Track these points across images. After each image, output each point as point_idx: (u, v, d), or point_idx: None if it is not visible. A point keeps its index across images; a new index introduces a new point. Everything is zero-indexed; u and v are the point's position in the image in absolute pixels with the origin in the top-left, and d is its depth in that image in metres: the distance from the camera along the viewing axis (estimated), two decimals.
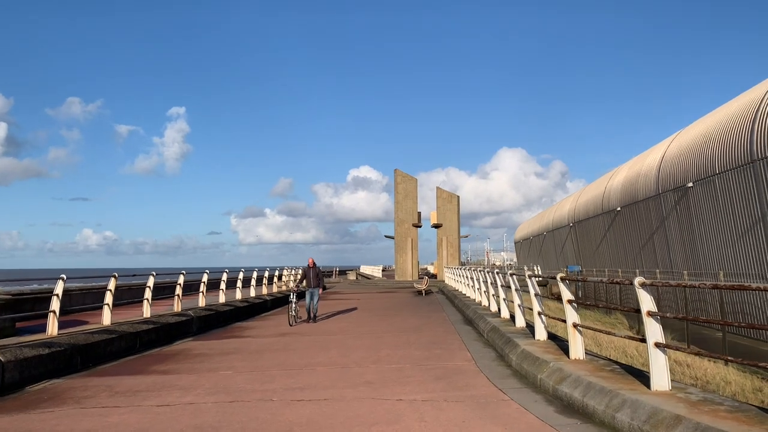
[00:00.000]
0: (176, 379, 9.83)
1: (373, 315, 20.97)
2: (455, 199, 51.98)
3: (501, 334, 12.06)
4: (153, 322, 15.20)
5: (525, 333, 11.71)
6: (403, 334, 14.86)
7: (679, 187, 29.04)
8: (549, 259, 65.36)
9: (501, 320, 14.43)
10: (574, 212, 54.57)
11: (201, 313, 18.41)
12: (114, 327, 13.52)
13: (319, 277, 19.01)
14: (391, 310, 22.87)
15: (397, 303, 26.97)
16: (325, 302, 28.68)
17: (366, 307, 24.70)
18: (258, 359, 11.78)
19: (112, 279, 14.18)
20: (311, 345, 13.57)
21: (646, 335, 6.56)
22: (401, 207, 51.16)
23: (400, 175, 51.58)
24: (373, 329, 16.43)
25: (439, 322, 17.55)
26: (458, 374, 9.32)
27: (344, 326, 17.49)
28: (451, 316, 19.32)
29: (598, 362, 8.30)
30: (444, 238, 51.60)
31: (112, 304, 14.27)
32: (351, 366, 10.43)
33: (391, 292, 37.01)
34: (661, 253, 32.66)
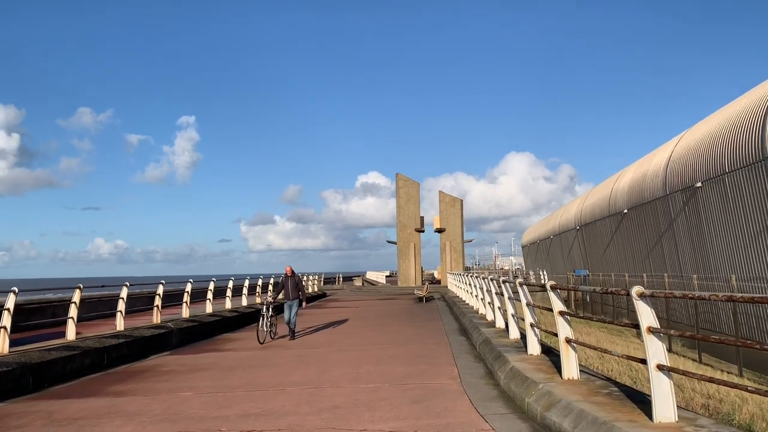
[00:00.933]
0: (127, 402, 8.87)
1: (366, 325, 19.97)
2: (458, 203, 50.92)
3: (492, 348, 11.04)
4: (125, 336, 14.27)
5: (518, 346, 10.68)
6: (392, 347, 13.86)
7: (688, 188, 27.90)
8: (556, 263, 64.15)
9: (495, 331, 13.40)
10: (580, 215, 53.41)
11: (182, 324, 17.48)
12: (77, 342, 12.59)
13: (298, 287, 16.54)
14: (387, 319, 21.86)
15: (395, 311, 25.95)
16: (321, 311, 27.74)
17: (361, 316, 23.70)
18: (228, 377, 10.82)
19: (76, 291, 13.25)
20: (291, 360, 12.59)
21: (647, 355, 5.54)
22: (403, 211, 50.17)
23: (402, 179, 50.60)
24: (362, 341, 15.43)
25: (433, 333, 16.53)
26: (438, 396, 8.31)
27: (332, 338, 16.50)
28: (447, 326, 18.30)
29: (594, 383, 7.27)
30: (447, 243, 50.54)
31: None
32: (324, 386, 9.44)
33: (391, 299, 35.99)
34: (669, 256, 31.48)
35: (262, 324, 15.75)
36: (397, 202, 50.49)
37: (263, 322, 15.75)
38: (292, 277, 16.51)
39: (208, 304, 21.12)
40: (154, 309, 17.00)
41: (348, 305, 31.01)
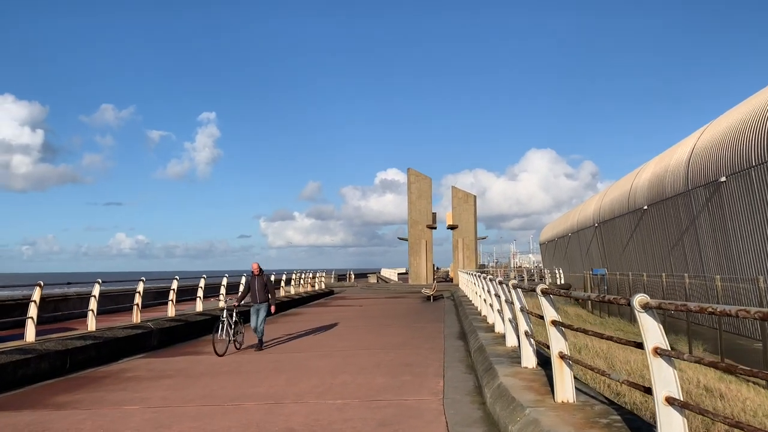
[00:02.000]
0: (60, 418, 7.79)
1: (363, 326, 18.80)
2: (472, 199, 49.49)
3: (485, 357, 9.79)
4: (95, 337, 13.25)
5: (513, 356, 9.41)
6: (380, 353, 12.66)
7: (711, 183, 26.29)
8: (574, 261, 62.43)
9: (493, 336, 12.14)
10: (599, 212, 51.73)
11: (164, 324, 16.45)
12: (36, 344, 11.57)
13: (267, 288, 13.93)
14: (387, 320, 20.66)
15: (399, 311, 24.74)
16: (323, 309, 26.64)
17: (362, 316, 22.54)
18: (189, 387, 9.71)
19: (37, 288, 12.22)
20: (265, 367, 11.46)
21: (653, 384, 4.29)
22: (415, 207, 48.85)
23: (414, 174, 49.28)
24: (352, 345, 14.26)
25: (431, 337, 15.29)
26: (412, 417, 7.09)
27: (321, 340, 15.34)
28: (448, 329, 17.05)
29: (592, 408, 6.00)
30: (460, 240, 49.16)
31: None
32: (286, 401, 8.28)
33: (399, 297, 34.78)
34: (691, 255, 29.86)
35: (221, 332, 13.08)
36: (408, 198, 49.18)
37: (222, 330, 13.10)
38: (259, 276, 13.98)
39: (198, 303, 20.11)
40: (134, 308, 15.96)
41: (352, 304, 29.87)
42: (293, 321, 21.53)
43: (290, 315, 24.23)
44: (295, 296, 31.07)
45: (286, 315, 24.27)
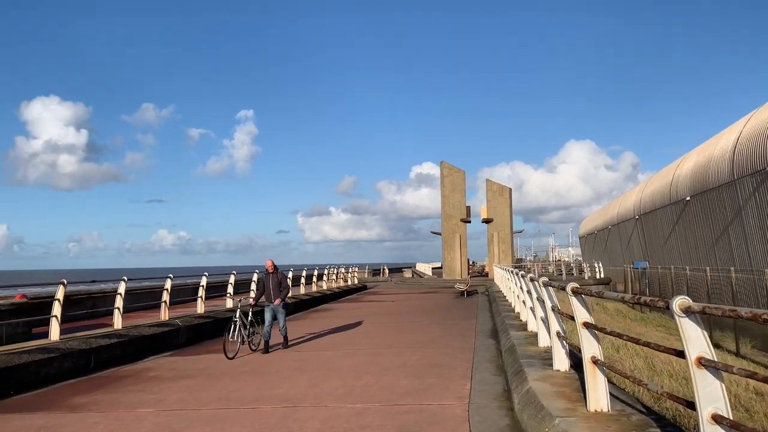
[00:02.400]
0: (73, 421, 7.59)
1: (392, 322, 18.38)
2: (507, 192, 48.59)
3: (515, 358, 9.27)
4: (120, 335, 13.16)
5: (544, 357, 8.87)
6: (407, 352, 12.22)
7: (759, 171, 25.04)
8: (615, 254, 60.88)
9: (526, 335, 11.59)
10: (639, 204, 50.26)
11: (192, 321, 16.34)
12: (59, 344, 11.49)
13: (281, 286, 13.07)
14: (418, 316, 20.22)
15: (431, 306, 24.27)
16: (354, 305, 26.34)
17: (393, 311, 22.14)
18: (207, 387, 9.46)
19: (60, 286, 12.15)
20: (288, 366, 11.14)
21: (696, 399, 3.76)
22: (448, 201, 48.18)
23: (447, 167, 48.60)
24: (379, 343, 13.85)
25: (461, 334, 14.79)
26: (434, 424, 6.65)
27: (347, 338, 14.98)
28: (480, 326, 16.51)
29: (629, 419, 5.47)
30: (495, 234, 48.32)
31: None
32: (304, 405, 7.92)
33: (432, 292, 34.28)
34: (737, 248, 28.58)
35: (233, 333, 12.28)
36: (441, 192, 48.53)
37: (235, 332, 12.31)
38: (273, 273, 13.11)
39: (228, 299, 19.99)
40: (162, 305, 15.88)
41: (384, 299, 29.49)
42: (323, 317, 21.25)
43: (321, 311, 23.98)
44: (327, 291, 30.87)
45: (317, 311, 24.03)
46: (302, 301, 25.47)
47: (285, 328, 13.42)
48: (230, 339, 12.19)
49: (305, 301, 25.79)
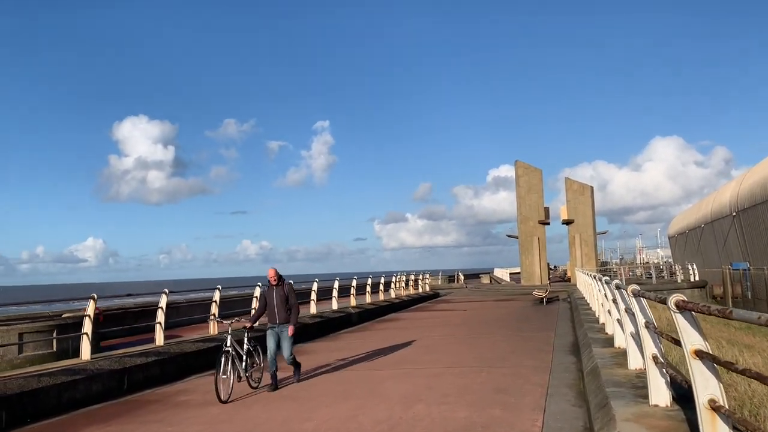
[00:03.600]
0: None
1: (460, 335, 16.70)
2: (588, 191, 45.62)
3: (599, 384, 7.47)
4: (158, 353, 12.20)
5: (637, 385, 7.02)
6: (471, 372, 10.57)
7: None
8: (709, 255, 56.35)
9: (612, 353, 9.69)
10: (737, 199, 46.13)
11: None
12: (87, 364, 10.59)
13: (288, 303, 10.25)
14: (489, 327, 18.41)
15: (505, 316, 22.35)
16: (422, 314, 24.80)
17: (462, 322, 20.42)
18: (234, 416, 8.23)
19: (90, 302, 11.28)
20: (331, 390, 9.75)
21: None
22: (524, 202, 45.74)
23: (522, 166, 46.19)
24: (439, 360, 12.24)
25: (536, 350, 12.96)
26: None
27: (406, 354, 13.44)
28: (559, 339, 14.59)
29: None
30: (577, 236, 45.43)
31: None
32: None
33: (508, 299, 32.19)
34: None
35: (225, 367, 9.24)
36: (516, 193, 46.15)
37: (227, 365, 9.30)
38: (278, 286, 10.32)
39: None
40: (210, 320, 14.90)
41: (455, 308, 27.74)
42: (386, 329, 19.84)
43: (385, 321, 22.58)
44: (395, 300, 29.44)
45: (381, 321, 22.64)
46: (367, 311, 24.16)
47: (292, 357, 10.36)
48: (222, 376, 9.09)
49: (370, 311, 24.46)
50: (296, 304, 10.41)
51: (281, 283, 10.38)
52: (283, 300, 10.22)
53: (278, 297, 10.21)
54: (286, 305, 10.23)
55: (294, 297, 10.36)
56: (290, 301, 10.25)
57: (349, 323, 21.93)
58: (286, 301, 10.23)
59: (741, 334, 21.87)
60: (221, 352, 9.43)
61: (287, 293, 10.29)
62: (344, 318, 21.71)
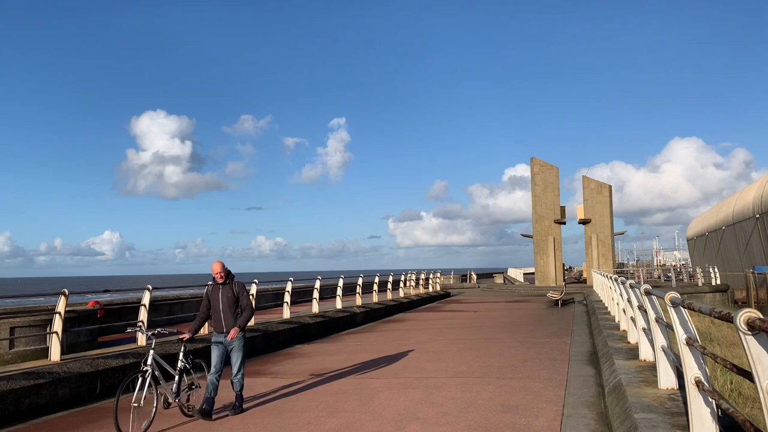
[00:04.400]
0: None
1: (469, 339, 15.58)
2: (606, 190, 44.18)
3: (624, 407, 6.35)
4: (138, 354, 11.23)
5: (671, 410, 5.90)
6: (477, 384, 9.48)
7: None
8: (730, 258, 54.65)
9: (637, 367, 8.54)
10: (761, 200, 44.53)
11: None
12: (55, 366, 9.64)
13: (239, 305, 8.27)
14: (501, 331, 17.27)
15: (518, 319, 21.20)
16: (432, 315, 23.71)
17: (472, 325, 19.29)
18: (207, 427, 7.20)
19: (61, 297, 10.32)
20: (321, 402, 8.70)
21: None
22: (540, 201, 44.38)
23: (538, 164, 44.82)
24: (443, 369, 11.14)
25: (550, 359, 11.83)
26: None
27: (408, 360, 12.35)
28: (575, 347, 13.45)
29: None
30: (594, 236, 44.02)
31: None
32: None
33: (521, 301, 30.99)
34: None
35: (140, 391, 7.20)
36: (532, 191, 44.79)
37: (141, 389, 7.22)
38: (226, 285, 8.30)
39: (285, 309, 17.93)
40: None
41: (466, 309, 26.61)
42: (391, 330, 18.79)
43: (391, 322, 21.52)
44: (404, 300, 28.35)
45: (387, 322, 21.59)
46: (373, 311, 23.12)
47: (241, 379, 8.23)
48: (134, 404, 7.08)
49: (376, 311, 23.41)
50: (249, 306, 8.37)
51: (231, 281, 8.33)
52: (231, 302, 8.17)
53: (225, 298, 8.17)
54: (235, 309, 8.20)
55: (246, 298, 8.34)
56: (241, 304, 8.26)
57: (353, 323, 20.93)
58: (235, 303, 8.20)
59: None
60: (129, 375, 7.31)
61: (237, 294, 8.25)
62: (348, 318, 20.69)
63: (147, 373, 7.31)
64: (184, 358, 8.07)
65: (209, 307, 8.31)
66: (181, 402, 7.89)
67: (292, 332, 16.65)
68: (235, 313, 8.19)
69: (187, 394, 8.06)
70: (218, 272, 8.21)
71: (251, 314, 8.36)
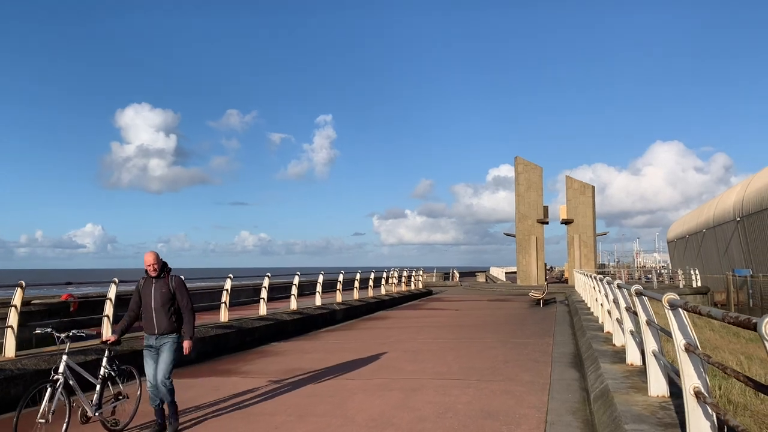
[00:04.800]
0: None
1: (448, 339, 15.16)
2: (590, 190, 44.07)
3: (613, 418, 5.92)
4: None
5: (664, 422, 5.48)
6: (457, 387, 9.04)
7: None
8: (710, 260, 54.93)
9: (624, 371, 8.15)
10: (741, 204, 44.71)
11: (208, 332, 13.79)
12: (9, 363, 9.05)
13: (174, 304, 6.98)
14: (481, 331, 16.88)
15: (500, 318, 20.84)
16: (413, 313, 23.28)
17: (453, 324, 18.88)
18: None
19: (17, 290, 9.69)
20: (290, 406, 8.21)
21: None
22: (523, 200, 44.15)
23: (522, 163, 44.58)
24: (422, 370, 10.69)
25: (532, 360, 11.43)
26: None
27: (386, 360, 11.88)
28: (558, 348, 13.07)
29: None
30: (576, 237, 43.90)
31: None
32: None
33: (503, 300, 30.70)
34: None
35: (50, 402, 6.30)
36: (515, 190, 44.53)
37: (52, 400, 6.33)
38: (160, 279, 7.02)
39: (261, 305, 17.37)
40: None
41: (448, 307, 26.23)
42: (371, 328, 18.34)
43: (372, 320, 21.07)
44: (385, 297, 27.89)
45: (368, 320, 21.14)
46: (353, 308, 22.63)
47: (169, 388, 6.78)
48: (40, 420, 6.14)
49: (357, 308, 22.93)
50: (190, 307, 6.98)
51: (166, 274, 7.03)
52: (165, 300, 6.85)
53: (158, 295, 6.85)
54: (170, 308, 6.88)
55: (186, 296, 6.97)
56: (179, 302, 6.93)
57: (333, 321, 20.43)
58: (170, 301, 6.88)
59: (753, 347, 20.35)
60: (36, 385, 6.41)
61: (174, 290, 6.93)
62: (327, 315, 20.19)
63: (58, 382, 6.37)
64: (108, 364, 7.11)
65: (140, 304, 6.98)
66: (104, 416, 6.86)
67: (268, 329, 16.13)
68: (170, 312, 6.86)
69: (112, 406, 7.08)
70: (151, 264, 6.90)
71: (194, 316, 7.03)
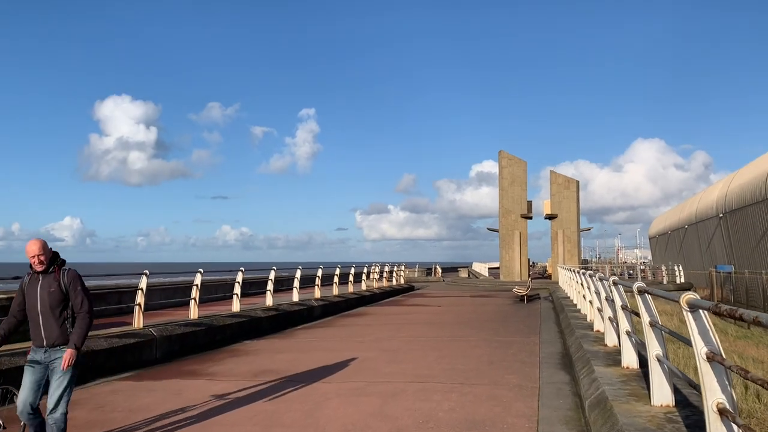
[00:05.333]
0: None
1: (430, 338, 14.49)
2: (574, 185, 43.67)
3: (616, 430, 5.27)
4: None
5: None
6: (438, 392, 8.36)
7: None
8: (692, 256, 54.96)
9: (621, 375, 7.51)
10: (724, 200, 44.61)
11: (174, 330, 12.96)
12: None
13: (66, 306, 5.27)
14: (464, 329, 16.24)
15: (483, 314, 20.23)
16: (394, 309, 22.59)
17: (435, 321, 18.23)
18: None
19: None
20: (255, 413, 7.47)
21: None
22: (507, 194, 43.63)
23: (506, 157, 44.05)
24: (401, 372, 10.00)
25: (519, 361, 10.79)
26: None
27: (364, 361, 11.17)
28: (546, 347, 12.46)
29: None
30: (560, 232, 43.50)
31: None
32: None
33: (486, 296, 30.14)
34: None
35: None
36: (499, 184, 44.00)
37: None
38: (49, 275, 5.29)
39: (235, 301, 16.57)
40: (135, 309, 12.51)
41: (430, 303, 25.60)
42: (349, 325, 17.63)
43: (351, 316, 20.33)
44: (366, 293, 27.17)
45: (346, 316, 20.40)
46: (332, 304, 21.90)
47: (62, 418, 5.17)
48: None
49: (336, 304, 22.19)
50: (87, 308, 5.33)
51: (56, 269, 5.35)
52: (56, 301, 5.24)
53: (47, 294, 5.23)
54: (62, 311, 5.28)
55: (81, 295, 5.32)
56: (72, 304, 5.32)
57: (311, 317, 19.66)
58: (63, 302, 5.28)
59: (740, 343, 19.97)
60: None
61: (67, 288, 5.30)
62: (305, 312, 19.41)
63: None
64: None
65: (24, 305, 5.32)
66: None
67: (241, 326, 15.34)
68: (62, 316, 5.24)
69: None
70: (35, 254, 5.20)
71: (90, 321, 5.35)
